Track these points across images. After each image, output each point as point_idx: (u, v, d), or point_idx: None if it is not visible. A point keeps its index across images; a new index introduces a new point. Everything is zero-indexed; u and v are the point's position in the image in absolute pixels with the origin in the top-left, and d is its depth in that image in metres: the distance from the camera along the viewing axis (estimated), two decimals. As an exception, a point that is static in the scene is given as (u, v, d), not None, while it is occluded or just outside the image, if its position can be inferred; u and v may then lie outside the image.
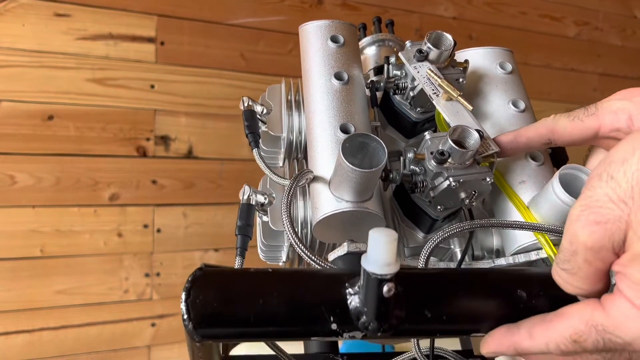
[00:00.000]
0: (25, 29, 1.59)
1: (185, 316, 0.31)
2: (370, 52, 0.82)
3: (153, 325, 1.65)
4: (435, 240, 0.41)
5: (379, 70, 0.76)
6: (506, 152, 0.49)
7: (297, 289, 0.33)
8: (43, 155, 1.57)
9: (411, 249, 0.55)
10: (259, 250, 0.57)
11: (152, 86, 1.71)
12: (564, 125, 0.47)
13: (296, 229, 0.50)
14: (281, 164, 0.66)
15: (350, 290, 0.33)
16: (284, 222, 0.40)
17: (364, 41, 0.82)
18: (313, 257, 0.39)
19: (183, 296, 0.31)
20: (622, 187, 0.31)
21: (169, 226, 1.69)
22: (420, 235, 0.54)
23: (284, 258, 0.57)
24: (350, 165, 0.39)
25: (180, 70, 1.75)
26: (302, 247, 0.39)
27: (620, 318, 0.32)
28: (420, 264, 0.40)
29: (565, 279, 0.35)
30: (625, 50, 2.50)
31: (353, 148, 0.43)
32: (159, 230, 1.68)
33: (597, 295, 0.35)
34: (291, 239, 0.39)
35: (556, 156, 0.59)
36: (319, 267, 0.39)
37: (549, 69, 2.32)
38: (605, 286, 0.35)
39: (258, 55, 1.86)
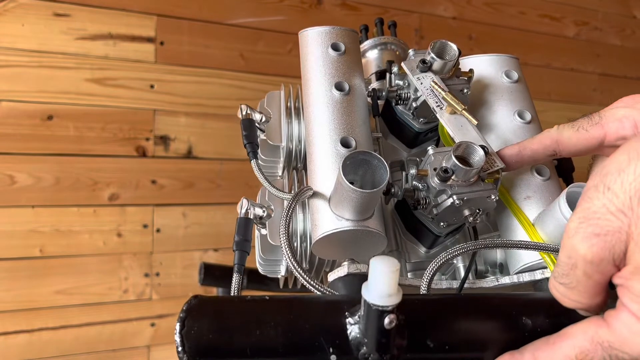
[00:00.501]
0: (25, 28, 1.58)
1: (180, 348, 0.30)
2: (372, 56, 0.81)
3: (152, 325, 1.64)
4: (437, 263, 0.39)
5: (380, 75, 0.75)
6: (511, 166, 0.48)
7: (295, 319, 0.32)
8: (42, 155, 1.56)
9: (413, 264, 0.54)
10: (258, 264, 0.56)
11: (152, 86, 1.70)
12: (569, 136, 0.46)
13: (295, 250, 0.49)
14: (280, 174, 0.65)
15: (350, 319, 0.32)
16: (284, 248, 0.39)
17: (365, 44, 0.80)
18: (313, 283, 0.37)
19: (177, 327, 0.30)
20: (619, 198, 0.30)
21: (168, 226, 1.68)
22: (423, 250, 0.53)
23: (282, 272, 0.56)
24: (351, 186, 0.38)
25: (180, 70, 1.73)
26: (302, 273, 0.37)
27: (625, 333, 0.31)
28: (423, 288, 0.39)
29: (563, 292, 0.34)
30: (625, 50, 2.49)
31: (354, 164, 0.42)
32: (158, 230, 1.67)
33: (596, 308, 0.35)
34: (291, 265, 0.38)
35: (562, 166, 0.58)
36: (318, 293, 0.38)
37: (548, 68, 2.31)
38: (604, 299, 0.34)
39: (257, 55, 1.84)
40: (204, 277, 1.14)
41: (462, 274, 0.53)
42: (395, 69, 0.55)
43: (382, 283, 0.29)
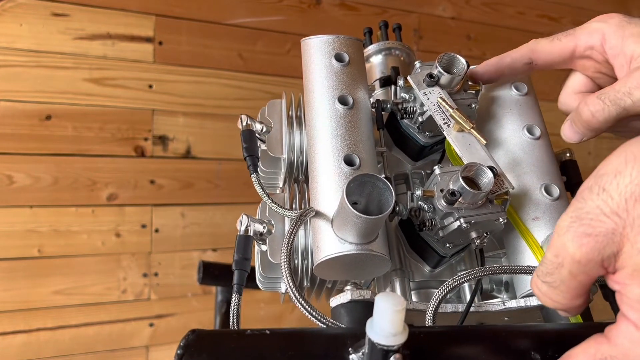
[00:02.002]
0: (23, 28, 1.56)
1: (176, 388, 0.28)
2: (376, 61, 0.79)
3: (151, 325, 1.64)
4: (443, 291, 0.38)
5: (385, 82, 0.73)
6: (490, 77, 0.52)
7: (296, 355, 0.30)
8: (41, 155, 1.55)
9: (417, 283, 0.52)
10: (258, 281, 0.54)
11: (150, 86, 1.68)
12: (543, 45, 0.52)
13: (296, 270, 0.48)
14: (281, 185, 0.63)
15: (353, 356, 0.31)
16: (285, 278, 0.37)
17: (369, 49, 0.79)
18: (315, 314, 0.36)
19: (173, 365, 0.29)
20: (614, 199, 0.30)
21: (167, 226, 1.67)
22: (427, 269, 0.51)
23: (283, 289, 0.54)
24: (355, 212, 0.37)
25: (178, 70, 1.72)
26: (305, 305, 0.36)
27: (627, 345, 0.31)
28: (428, 318, 0.37)
29: (544, 292, 0.34)
30: (622, 51, 2.47)
31: (359, 185, 0.41)
32: (157, 230, 1.66)
33: (575, 310, 0.34)
34: (293, 296, 0.36)
35: (570, 180, 0.56)
36: (320, 325, 0.36)
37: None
38: (584, 301, 0.34)
39: (256, 55, 1.83)
40: (202, 276, 1.13)
41: (468, 294, 0.52)
42: (400, 82, 0.53)
43: (387, 322, 0.28)
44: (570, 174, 0.57)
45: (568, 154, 0.61)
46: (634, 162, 0.30)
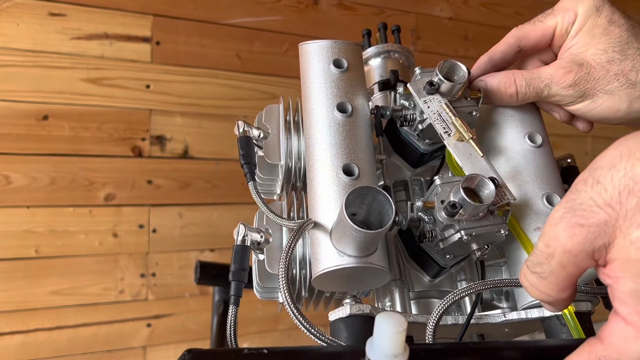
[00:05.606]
0: (20, 28, 1.55)
1: (170, 411, 0.28)
2: (374, 64, 0.78)
3: (148, 325, 1.63)
4: (443, 306, 0.37)
5: (384, 86, 0.73)
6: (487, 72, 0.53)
7: (295, 376, 0.30)
8: (38, 155, 1.54)
9: (417, 292, 0.52)
10: (255, 291, 0.53)
11: (148, 86, 1.68)
12: (528, 30, 0.54)
13: (294, 278, 0.47)
14: (279, 192, 0.62)
15: (353, 377, 0.30)
16: (284, 295, 0.37)
17: (368, 51, 0.78)
18: (313, 331, 0.35)
19: (168, 387, 0.28)
20: (608, 191, 0.30)
21: (164, 226, 1.67)
22: (427, 278, 0.51)
23: (281, 299, 0.54)
24: (354, 226, 0.36)
25: (176, 70, 1.71)
26: (304, 322, 0.35)
27: (619, 343, 0.30)
28: (429, 335, 0.37)
29: (533, 282, 0.34)
30: (621, 51, 2.47)
31: (357, 197, 0.40)
32: (154, 231, 1.65)
33: (562, 304, 0.34)
34: (292, 314, 0.35)
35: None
36: (320, 343, 0.36)
37: (544, 69, 2.30)
38: (571, 295, 0.34)
39: (254, 55, 1.82)
40: (200, 276, 1.13)
41: (468, 303, 0.51)
42: (400, 89, 0.52)
43: (387, 343, 0.27)
44: (571, 181, 0.55)
45: (569, 160, 0.60)
46: (629, 156, 0.30)
